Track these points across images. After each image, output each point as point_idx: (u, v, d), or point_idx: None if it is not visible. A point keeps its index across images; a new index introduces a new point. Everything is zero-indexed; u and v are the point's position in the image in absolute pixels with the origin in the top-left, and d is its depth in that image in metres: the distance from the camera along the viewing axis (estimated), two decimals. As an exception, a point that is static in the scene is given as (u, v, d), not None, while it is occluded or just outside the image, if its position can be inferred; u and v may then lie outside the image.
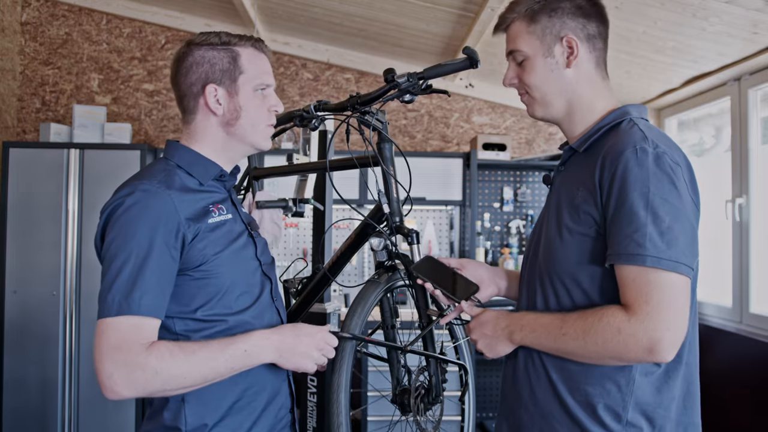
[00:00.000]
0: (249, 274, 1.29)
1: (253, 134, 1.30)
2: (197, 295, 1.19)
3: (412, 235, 1.42)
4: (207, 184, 1.27)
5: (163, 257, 1.13)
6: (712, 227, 3.06)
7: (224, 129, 1.29)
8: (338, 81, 4.23)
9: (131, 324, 1.09)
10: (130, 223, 1.13)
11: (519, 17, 1.23)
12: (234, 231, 1.27)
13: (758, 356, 2.63)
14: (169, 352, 1.09)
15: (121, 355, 1.07)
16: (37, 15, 4.13)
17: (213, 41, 1.27)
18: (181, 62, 1.28)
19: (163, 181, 1.19)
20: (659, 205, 1.05)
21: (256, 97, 1.29)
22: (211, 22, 4.12)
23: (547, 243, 1.22)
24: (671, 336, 1.03)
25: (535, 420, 1.21)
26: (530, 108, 1.27)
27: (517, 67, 1.25)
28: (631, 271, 1.06)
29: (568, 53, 1.20)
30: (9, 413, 3.43)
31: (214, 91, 1.26)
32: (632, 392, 1.12)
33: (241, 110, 1.27)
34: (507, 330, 1.21)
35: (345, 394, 1.28)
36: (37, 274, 3.46)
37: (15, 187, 3.47)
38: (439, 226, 4.12)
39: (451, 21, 3.19)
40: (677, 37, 2.65)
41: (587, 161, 1.18)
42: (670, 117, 3.62)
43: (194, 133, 1.30)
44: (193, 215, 1.19)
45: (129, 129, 3.74)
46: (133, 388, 1.07)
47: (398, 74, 1.39)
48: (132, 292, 1.09)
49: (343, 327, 1.33)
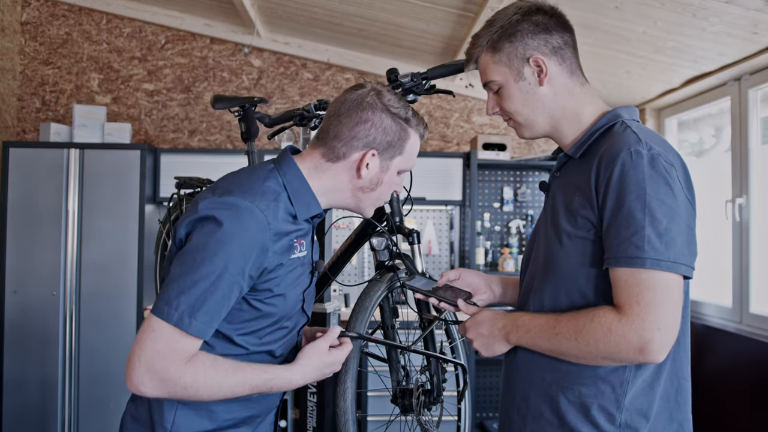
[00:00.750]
0: (292, 308, 1.27)
1: (369, 207, 1.30)
2: (242, 317, 1.18)
3: (413, 234, 1.42)
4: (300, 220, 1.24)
5: (235, 285, 1.11)
6: (712, 227, 3.06)
7: (351, 188, 1.26)
8: (338, 81, 4.23)
9: (183, 338, 1.08)
10: (223, 239, 1.09)
11: (483, 50, 1.24)
12: (302, 270, 1.26)
13: (758, 356, 2.63)
14: (204, 371, 1.10)
15: (161, 363, 1.07)
16: (37, 15, 4.13)
17: (398, 112, 1.24)
18: (359, 106, 1.23)
19: (271, 207, 1.15)
20: (656, 206, 1.05)
21: (396, 177, 1.29)
22: (211, 22, 4.12)
23: (546, 248, 1.22)
24: (662, 336, 1.04)
25: (527, 422, 1.21)
26: (518, 132, 1.29)
27: (495, 96, 1.27)
28: (623, 273, 1.07)
29: (537, 72, 1.21)
30: (9, 413, 3.43)
31: (371, 158, 1.23)
32: (625, 392, 1.12)
33: (379, 186, 1.26)
34: (504, 330, 1.21)
35: (351, 394, 1.28)
36: (37, 274, 3.46)
37: (15, 187, 3.47)
38: (439, 226, 4.12)
39: (451, 21, 3.19)
40: (677, 37, 2.65)
41: (583, 166, 1.19)
42: (670, 117, 3.62)
43: (323, 171, 1.25)
44: (281, 249, 1.17)
45: (129, 129, 3.74)
46: (158, 392, 1.09)
47: (401, 74, 1.39)
48: (198, 311, 1.07)
49: (348, 326, 1.34)
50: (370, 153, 1.22)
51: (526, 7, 1.22)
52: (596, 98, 1.26)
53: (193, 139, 4.16)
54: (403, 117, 1.25)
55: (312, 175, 1.24)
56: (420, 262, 1.45)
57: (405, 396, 1.43)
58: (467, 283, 1.38)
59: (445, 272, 1.37)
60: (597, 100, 1.26)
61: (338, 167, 1.24)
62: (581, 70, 1.26)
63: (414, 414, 1.43)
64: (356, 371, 1.30)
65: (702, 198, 1.17)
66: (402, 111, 1.24)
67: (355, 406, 1.31)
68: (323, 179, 1.24)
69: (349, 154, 1.22)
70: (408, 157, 1.28)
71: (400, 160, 1.26)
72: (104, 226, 3.48)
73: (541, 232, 1.28)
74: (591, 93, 1.26)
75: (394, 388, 1.45)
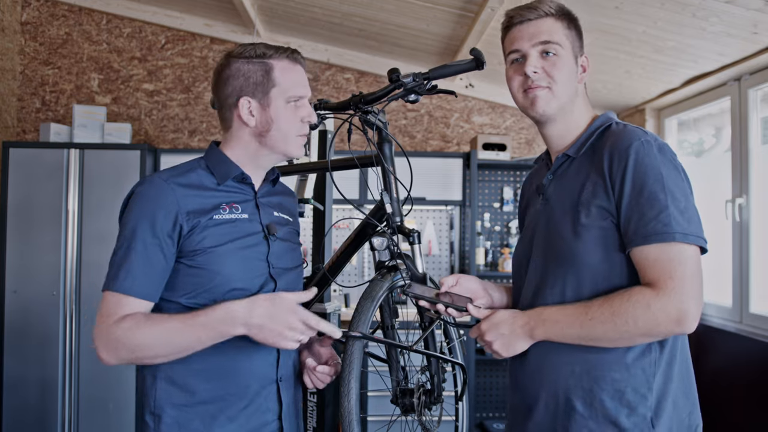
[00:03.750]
0: (250, 272, 1.31)
1: (284, 145, 1.35)
2: (186, 282, 1.26)
3: (413, 234, 1.42)
4: (226, 185, 1.33)
5: (148, 242, 1.22)
6: (712, 227, 3.06)
7: (257, 139, 1.34)
8: (338, 81, 4.23)
9: (115, 300, 1.21)
10: (132, 211, 1.25)
11: (556, 16, 1.28)
12: (244, 230, 1.32)
13: (758, 356, 2.63)
14: (135, 323, 1.19)
15: (102, 325, 1.21)
16: (37, 15, 4.13)
17: (249, 54, 1.32)
18: (219, 74, 1.35)
19: (175, 176, 1.29)
20: (674, 187, 1.14)
21: (287, 108, 1.33)
22: (211, 22, 4.12)
23: (557, 243, 1.24)
24: (696, 306, 1.11)
25: (557, 417, 1.22)
26: (543, 100, 1.27)
27: (542, 59, 1.27)
28: (653, 251, 1.13)
29: (581, 70, 1.31)
30: (9, 413, 3.43)
31: (248, 104, 1.31)
32: (654, 373, 1.17)
33: (273, 122, 1.32)
34: (527, 327, 1.23)
35: (355, 394, 1.28)
36: (37, 274, 3.46)
37: (15, 187, 3.47)
38: (439, 226, 4.13)
39: (451, 21, 3.19)
40: (677, 37, 2.65)
41: (587, 162, 1.25)
42: (670, 117, 3.62)
43: (230, 140, 1.37)
44: (196, 209, 1.27)
45: (129, 129, 3.74)
46: (108, 354, 1.20)
47: (403, 74, 1.39)
48: (119, 272, 1.22)
49: (351, 326, 1.33)
50: (243, 100, 1.31)
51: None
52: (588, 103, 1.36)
53: (193, 139, 4.16)
54: (256, 54, 1.31)
55: (227, 148, 1.36)
56: (420, 262, 1.44)
57: (405, 396, 1.43)
58: (466, 289, 1.38)
59: (444, 279, 1.37)
60: (589, 104, 1.36)
61: (234, 129, 1.35)
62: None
63: (415, 414, 1.43)
64: (359, 371, 1.30)
65: (702, 198, 1.22)
66: (252, 51, 1.31)
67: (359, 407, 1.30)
68: (234, 147, 1.36)
69: (232, 113, 1.33)
70: (286, 85, 1.31)
71: (277, 90, 1.31)
72: (104, 226, 3.47)
73: (538, 231, 1.31)
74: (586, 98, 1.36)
75: (395, 388, 1.45)
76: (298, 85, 1.34)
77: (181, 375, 1.26)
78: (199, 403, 1.27)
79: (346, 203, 1.61)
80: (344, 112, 1.53)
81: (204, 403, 1.27)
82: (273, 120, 1.32)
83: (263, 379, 1.33)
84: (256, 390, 1.32)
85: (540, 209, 1.32)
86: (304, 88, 1.35)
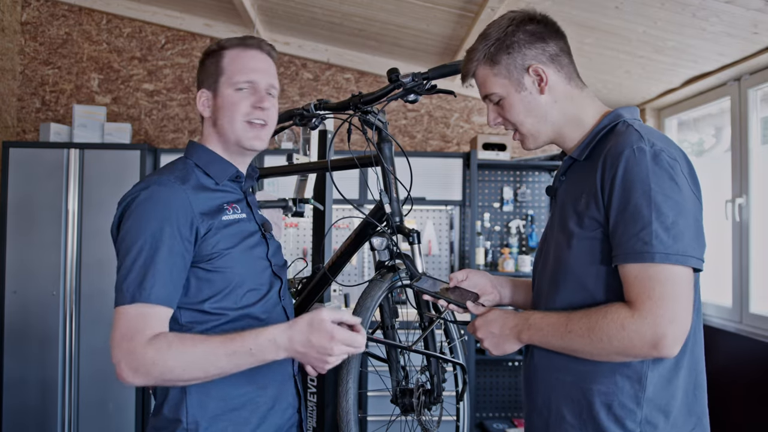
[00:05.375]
0: (258, 272, 1.32)
1: (232, 132, 1.32)
2: (206, 287, 1.23)
3: (413, 234, 1.42)
4: (223, 184, 1.33)
5: (174, 248, 1.17)
6: (712, 227, 3.06)
7: (214, 129, 1.35)
8: (338, 81, 4.23)
9: (140, 313, 1.13)
10: (144, 215, 1.18)
11: (480, 63, 1.24)
12: (246, 230, 1.31)
13: (758, 356, 2.63)
14: (168, 344, 1.11)
15: (127, 344, 1.11)
16: (37, 15, 4.13)
17: (211, 48, 1.36)
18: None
19: (179, 177, 1.26)
20: (662, 201, 1.07)
21: (235, 95, 1.31)
22: (211, 22, 4.12)
23: (556, 251, 1.23)
24: (675, 330, 1.04)
25: (549, 426, 1.21)
26: (524, 144, 1.28)
27: (496, 107, 1.27)
28: (633, 269, 1.07)
29: (538, 81, 1.22)
30: (9, 413, 3.43)
31: (203, 95, 1.34)
32: (644, 387, 1.13)
33: (219, 110, 1.32)
34: (516, 329, 1.22)
35: (353, 394, 1.28)
36: (37, 274, 3.46)
37: (15, 187, 3.47)
38: (439, 226, 4.12)
39: (451, 21, 3.19)
40: (677, 37, 2.65)
41: (588, 167, 1.20)
42: (670, 117, 3.62)
43: (203, 135, 1.38)
44: (207, 211, 1.25)
45: (129, 129, 3.74)
46: (136, 376, 1.11)
47: (403, 74, 1.39)
48: (144, 281, 1.14)
49: None
50: (200, 92, 1.35)
51: (519, 18, 1.22)
52: (595, 100, 1.27)
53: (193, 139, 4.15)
54: (212, 50, 1.35)
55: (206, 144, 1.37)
56: (420, 262, 1.44)
57: (405, 396, 1.43)
58: (474, 284, 1.38)
59: (452, 274, 1.37)
60: (596, 102, 1.27)
61: (204, 123, 1.38)
62: (578, 75, 1.27)
63: (414, 414, 1.43)
64: (358, 371, 1.30)
65: (702, 197, 1.18)
66: (215, 44, 1.36)
67: (357, 408, 1.31)
68: (206, 142, 1.37)
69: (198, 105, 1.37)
70: (232, 71, 1.31)
71: (224, 78, 1.32)
72: (104, 226, 3.47)
73: (550, 236, 1.29)
74: (590, 96, 1.27)
75: (395, 388, 1.45)
76: (247, 70, 1.32)
77: (217, 382, 1.20)
78: (232, 410, 1.24)
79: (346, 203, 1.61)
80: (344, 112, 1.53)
81: (236, 409, 1.25)
82: (219, 108, 1.32)
83: (284, 375, 1.35)
84: (280, 388, 1.33)
85: (553, 211, 1.32)
86: (254, 73, 1.32)
